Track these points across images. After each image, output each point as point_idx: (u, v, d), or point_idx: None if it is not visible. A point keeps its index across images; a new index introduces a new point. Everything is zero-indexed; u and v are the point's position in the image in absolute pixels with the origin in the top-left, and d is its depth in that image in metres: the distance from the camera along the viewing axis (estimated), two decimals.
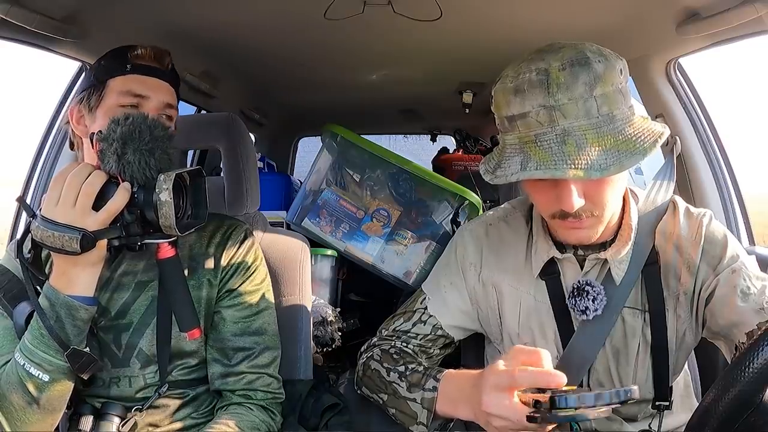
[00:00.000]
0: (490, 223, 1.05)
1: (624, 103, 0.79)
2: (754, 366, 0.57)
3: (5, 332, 0.92)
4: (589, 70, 0.75)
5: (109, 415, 0.92)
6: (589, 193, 0.80)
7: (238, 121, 1.31)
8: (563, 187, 0.79)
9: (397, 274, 2.08)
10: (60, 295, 0.83)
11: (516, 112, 0.79)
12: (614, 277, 0.90)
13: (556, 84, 0.75)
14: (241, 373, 0.98)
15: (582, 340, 0.92)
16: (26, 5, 1.04)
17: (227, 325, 1.00)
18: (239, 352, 0.99)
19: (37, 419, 0.85)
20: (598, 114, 0.75)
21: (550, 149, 0.75)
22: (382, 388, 0.96)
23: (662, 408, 0.95)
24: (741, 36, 1.20)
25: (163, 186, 0.82)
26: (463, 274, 1.03)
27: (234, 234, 1.05)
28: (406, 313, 1.07)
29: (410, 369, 0.94)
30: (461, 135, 3.30)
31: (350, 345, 2.21)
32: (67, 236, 0.79)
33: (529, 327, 0.97)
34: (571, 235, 0.87)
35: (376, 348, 1.05)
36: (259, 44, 1.71)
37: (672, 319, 0.92)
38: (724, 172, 1.57)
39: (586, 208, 0.81)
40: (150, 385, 0.95)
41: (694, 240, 0.91)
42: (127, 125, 0.82)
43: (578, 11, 1.38)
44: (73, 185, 0.80)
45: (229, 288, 1.01)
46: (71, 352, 0.82)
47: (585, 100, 0.75)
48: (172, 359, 0.96)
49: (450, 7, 1.34)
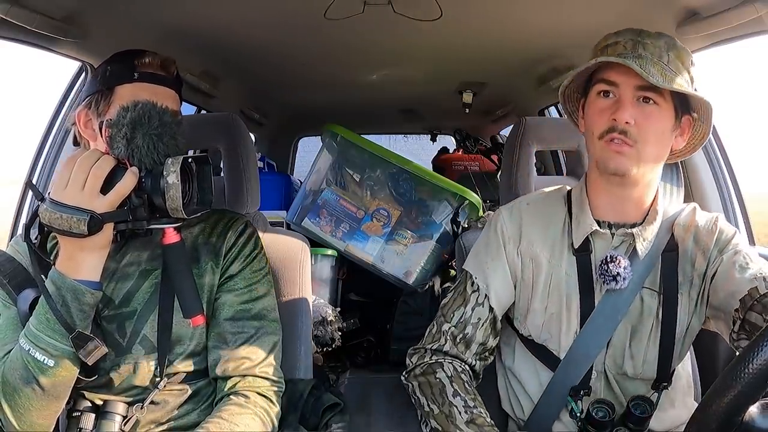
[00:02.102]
0: (527, 203, 1.12)
1: (686, 82, 0.93)
2: (754, 366, 0.57)
3: (8, 322, 0.92)
4: (669, 38, 0.96)
5: (110, 413, 0.92)
6: (639, 120, 0.93)
7: (238, 121, 1.31)
8: (622, 101, 0.93)
9: (397, 273, 2.08)
10: (66, 279, 0.84)
11: (610, 42, 0.97)
12: (638, 251, 0.99)
13: (646, 34, 0.95)
14: (240, 357, 0.98)
15: (602, 314, 1.00)
16: (26, 5, 1.05)
17: (226, 309, 1.01)
18: (238, 336, 1.00)
19: (40, 406, 0.85)
20: (667, 64, 0.93)
21: (626, 56, 0.93)
22: (438, 402, 0.98)
23: (661, 387, 1.00)
24: (741, 36, 1.21)
25: (171, 168, 0.84)
26: (504, 249, 1.07)
27: (235, 224, 1.06)
28: (461, 299, 1.08)
29: (478, 411, 0.96)
30: (461, 135, 3.30)
31: (350, 345, 2.21)
32: (75, 218, 0.80)
33: (556, 298, 1.03)
34: (612, 160, 0.95)
35: (448, 358, 1.05)
36: (259, 44, 1.71)
37: (684, 303, 1.00)
38: (724, 172, 1.57)
39: (632, 132, 0.93)
40: (153, 376, 0.95)
41: (710, 230, 1.01)
42: (136, 111, 0.84)
43: (578, 11, 1.39)
44: (83, 168, 0.82)
45: (229, 273, 1.02)
46: (76, 335, 0.83)
47: (661, 50, 0.93)
48: (173, 347, 0.97)
49: (450, 7, 1.34)
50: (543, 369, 1.04)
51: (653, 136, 0.94)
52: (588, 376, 1.01)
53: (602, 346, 1.00)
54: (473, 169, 3.29)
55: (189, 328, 0.97)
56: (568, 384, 1.01)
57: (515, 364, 1.09)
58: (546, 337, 1.04)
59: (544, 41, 1.60)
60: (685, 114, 0.98)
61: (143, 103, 0.86)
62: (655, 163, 0.99)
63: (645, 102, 0.93)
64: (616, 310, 1.00)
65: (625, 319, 1.00)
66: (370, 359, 2.25)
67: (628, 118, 0.92)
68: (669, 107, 0.94)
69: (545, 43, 1.64)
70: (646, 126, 0.93)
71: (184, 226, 0.96)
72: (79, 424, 0.92)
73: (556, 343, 1.03)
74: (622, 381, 1.02)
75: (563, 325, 1.02)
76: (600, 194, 1.03)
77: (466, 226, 2.10)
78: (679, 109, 0.96)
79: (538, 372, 1.05)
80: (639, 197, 1.01)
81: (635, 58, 0.92)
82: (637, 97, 0.93)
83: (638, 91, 0.93)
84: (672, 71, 0.93)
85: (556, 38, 1.60)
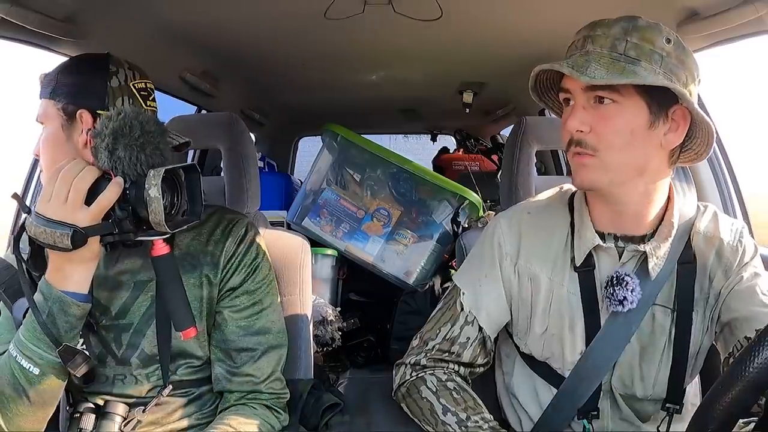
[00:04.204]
0: (528, 211, 1.02)
1: (659, 66, 0.81)
2: (755, 366, 0.57)
3: (6, 322, 0.92)
4: (630, 20, 0.83)
5: (111, 414, 0.92)
6: (594, 124, 0.84)
7: (239, 121, 1.31)
8: (573, 107, 0.86)
9: (398, 273, 2.08)
10: (53, 290, 0.83)
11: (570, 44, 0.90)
12: (651, 272, 0.89)
13: (601, 24, 0.85)
14: (245, 374, 0.97)
15: (609, 335, 0.91)
16: (27, 5, 1.04)
17: (230, 325, 0.98)
18: (243, 353, 0.98)
19: (27, 411, 0.85)
20: (623, 52, 0.81)
21: (573, 55, 0.86)
22: (431, 422, 0.93)
23: (672, 411, 0.93)
24: (741, 36, 1.20)
25: (152, 182, 0.80)
26: (500, 266, 0.99)
27: (234, 230, 1.01)
28: (449, 314, 1.01)
29: (473, 422, 0.89)
30: (461, 135, 3.30)
31: (350, 345, 2.21)
32: (58, 232, 0.78)
33: (558, 320, 0.95)
34: (577, 174, 0.88)
35: (428, 370, 0.98)
36: (260, 44, 1.71)
37: (698, 321, 0.92)
38: (724, 172, 1.57)
39: (587, 140, 0.84)
40: (155, 385, 0.95)
41: (735, 248, 0.92)
42: (118, 120, 0.81)
43: (578, 11, 1.38)
44: (65, 181, 0.80)
45: (230, 287, 0.99)
46: (63, 348, 0.82)
47: (616, 38, 0.82)
48: (175, 359, 0.96)
49: (450, 7, 1.34)
50: (543, 387, 0.98)
51: (618, 139, 0.83)
52: (596, 396, 0.93)
53: (609, 366, 0.93)
54: (473, 169, 3.29)
55: (189, 341, 0.95)
56: (574, 403, 0.93)
57: (514, 379, 1.03)
58: (548, 355, 0.97)
59: (544, 41, 1.59)
60: (674, 105, 0.84)
61: (126, 111, 0.83)
62: (639, 171, 0.86)
63: (600, 102, 0.83)
64: (625, 330, 0.91)
65: (635, 339, 0.92)
66: (370, 359, 2.24)
67: (578, 125, 0.84)
68: (635, 102, 0.82)
69: (545, 43, 1.64)
70: (604, 130, 0.83)
71: (178, 232, 0.94)
72: (80, 425, 0.92)
73: (559, 362, 0.96)
74: (631, 402, 0.95)
75: (566, 346, 0.95)
76: (597, 205, 0.94)
77: (466, 226, 2.10)
78: (655, 102, 0.82)
79: (538, 388, 0.99)
80: (638, 211, 0.91)
81: (581, 56, 0.83)
82: (592, 100, 0.84)
83: (588, 93, 0.84)
84: (630, 59, 0.80)
85: (556, 38, 1.59)
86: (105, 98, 0.92)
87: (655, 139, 0.84)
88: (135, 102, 0.94)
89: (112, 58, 0.95)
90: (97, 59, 0.95)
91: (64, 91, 0.92)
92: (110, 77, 0.93)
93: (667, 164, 0.89)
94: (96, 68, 0.93)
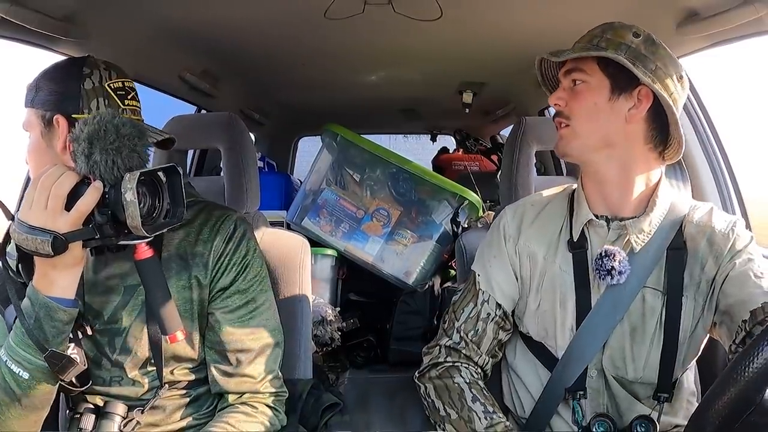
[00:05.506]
0: (532, 203, 1.13)
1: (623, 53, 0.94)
2: (754, 366, 0.57)
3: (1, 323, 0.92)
4: (610, 24, 1.00)
5: (110, 414, 0.92)
6: (569, 100, 1.01)
7: (238, 121, 1.31)
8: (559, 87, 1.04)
9: (397, 273, 2.08)
10: (39, 295, 0.83)
11: None
12: (633, 243, 0.98)
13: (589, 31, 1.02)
14: (243, 375, 0.97)
15: (599, 313, 0.98)
16: (27, 4, 1.04)
17: (223, 326, 0.97)
18: (239, 354, 0.97)
19: (20, 415, 0.86)
20: (595, 45, 0.98)
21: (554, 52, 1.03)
22: (457, 407, 0.99)
23: (662, 399, 0.97)
24: (741, 36, 1.21)
25: (128, 185, 0.80)
26: (505, 246, 1.09)
27: (222, 227, 1.00)
28: (470, 296, 1.10)
29: (498, 416, 0.98)
30: (461, 135, 3.30)
31: (350, 345, 2.21)
32: (39, 239, 0.78)
33: (550, 294, 1.03)
34: (558, 145, 1.03)
35: (464, 361, 1.06)
36: (260, 44, 1.71)
37: (688, 306, 0.97)
38: (724, 172, 1.57)
39: (564, 112, 1.01)
40: (151, 387, 0.95)
41: (726, 235, 0.98)
42: (93, 124, 0.81)
43: (578, 11, 1.38)
44: (45, 187, 0.80)
45: (221, 287, 0.98)
46: (50, 353, 0.82)
47: (594, 35, 0.99)
48: (169, 361, 0.96)
49: (450, 7, 1.34)
50: (542, 368, 1.04)
51: (584, 111, 0.99)
52: (583, 376, 0.99)
53: (599, 346, 0.98)
54: (473, 169, 3.29)
55: (181, 344, 0.95)
56: (564, 384, 1.00)
57: (516, 360, 1.10)
58: (543, 335, 1.04)
59: (544, 41, 1.59)
60: (639, 86, 0.96)
61: (102, 115, 0.82)
62: (605, 141, 0.98)
63: (575, 84, 1.00)
64: (615, 308, 0.98)
65: (625, 320, 0.98)
66: (370, 359, 2.24)
67: (556, 100, 1.02)
68: (599, 80, 0.98)
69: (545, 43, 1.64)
70: (575, 104, 1.00)
71: (168, 232, 0.93)
72: (80, 425, 0.92)
73: (552, 341, 1.02)
74: (622, 384, 1.00)
75: (558, 322, 1.01)
76: (589, 188, 1.04)
77: (466, 226, 2.10)
78: (618, 82, 0.97)
79: (538, 370, 1.05)
80: (621, 190, 1.00)
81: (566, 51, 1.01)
82: (571, 83, 1.01)
83: (567, 77, 1.01)
84: (599, 48, 0.97)
85: (556, 38, 1.59)
86: (79, 102, 0.91)
87: (619, 112, 0.97)
88: (111, 103, 0.93)
89: (88, 60, 0.94)
90: (72, 63, 0.94)
91: (41, 98, 0.92)
92: (83, 80, 0.92)
93: (646, 150, 0.99)
94: (69, 72, 0.93)
